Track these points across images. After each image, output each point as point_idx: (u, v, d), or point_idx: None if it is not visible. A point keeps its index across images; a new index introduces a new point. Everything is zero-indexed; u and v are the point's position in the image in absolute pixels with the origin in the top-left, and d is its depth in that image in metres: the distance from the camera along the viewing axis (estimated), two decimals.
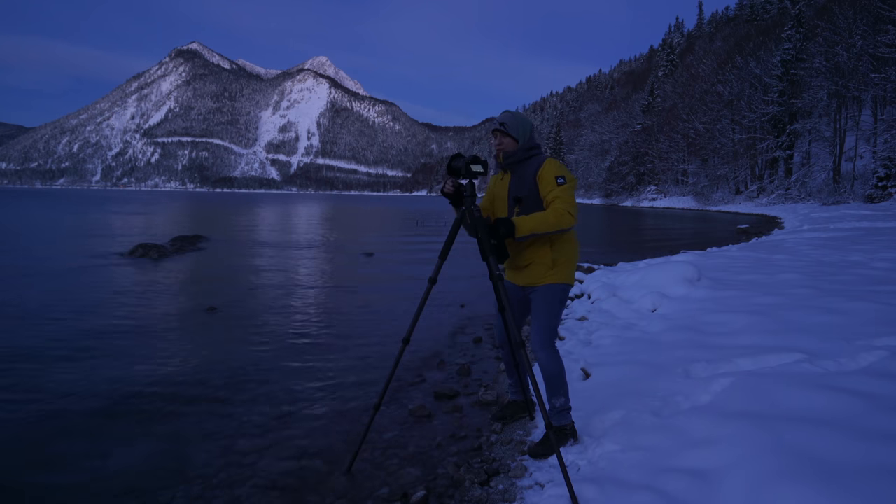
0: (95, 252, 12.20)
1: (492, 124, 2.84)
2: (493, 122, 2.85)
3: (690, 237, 19.84)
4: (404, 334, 2.76)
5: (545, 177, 2.63)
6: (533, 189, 2.68)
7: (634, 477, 2.33)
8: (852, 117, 39.37)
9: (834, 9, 41.78)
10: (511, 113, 2.84)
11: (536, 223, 2.54)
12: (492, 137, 2.85)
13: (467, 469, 2.70)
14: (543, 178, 2.64)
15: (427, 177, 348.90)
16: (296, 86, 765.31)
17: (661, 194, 70.04)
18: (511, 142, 2.77)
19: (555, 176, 2.61)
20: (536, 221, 2.54)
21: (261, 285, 8.58)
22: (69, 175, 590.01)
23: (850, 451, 2.20)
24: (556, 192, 2.58)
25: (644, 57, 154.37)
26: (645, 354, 3.97)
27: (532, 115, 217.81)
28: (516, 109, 28.51)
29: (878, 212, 23.67)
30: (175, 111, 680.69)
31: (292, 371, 4.36)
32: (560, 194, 2.58)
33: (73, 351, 4.81)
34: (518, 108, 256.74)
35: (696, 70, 75.39)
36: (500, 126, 2.78)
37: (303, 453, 2.97)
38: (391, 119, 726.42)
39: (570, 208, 2.55)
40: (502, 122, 2.78)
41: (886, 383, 2.88)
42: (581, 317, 5.63)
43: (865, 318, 4.22)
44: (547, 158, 2.71)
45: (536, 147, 2.79)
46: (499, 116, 2.86)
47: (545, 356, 2.70)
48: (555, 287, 2.73)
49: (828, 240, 12.61)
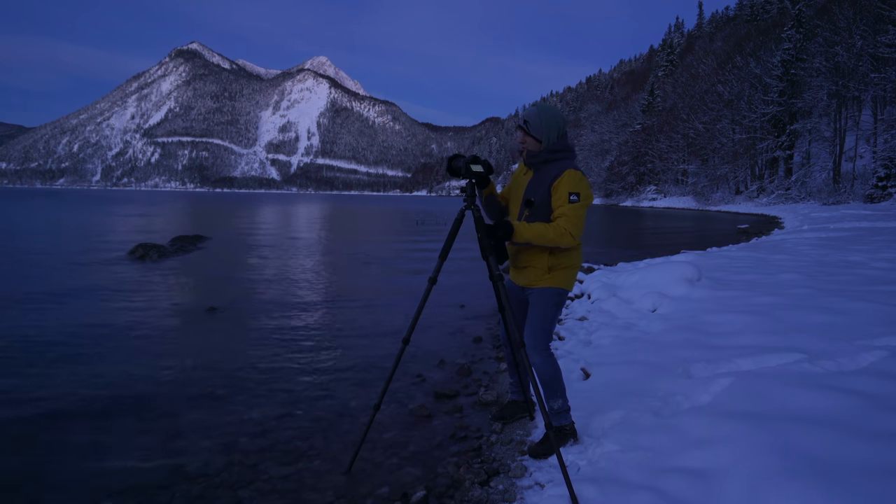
0: (95, 252, 12.19)
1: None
2: (518, 118, 2.67)
3: (690, 237, 19.84)
4: (404, 334, 2.75)
5: (560, 189, 2.51)
6: (546, 197, 2.56)
7: (634, 477, 2.33)
8: (852, 117, 39.37)
9: (834, 9, 41.81)
10: (538, 109, 2.64)
11: (534, 234, 2.49)
12: (516, 132, 2.71)
13: (467, 469, 2.70)
14: (558, 189, 2.52)
15: (427, 177, 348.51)
16: (296, 86, 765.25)
17: (661, 194, 70.04)
18: (534, 142, 2.62)
19: (569, 191, 2.49)
20: (535, 232, 2.49)
21: (261, 285, 8.58)
22: (69, 175, 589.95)
23: (850, 451, 2.20)
24: (565, 209, 2.49)
25: (644, 57, 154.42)
26: (645, 354, 3.97)
27: None
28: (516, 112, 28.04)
29: (878, 212, 23.66)
30: (175, 111, 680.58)
31: (292, 370, 4.36)
32: (567, 212, 2.48)
33: (72, 351, 4.81)
34: (518, 109, 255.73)
35: (696, 70, 75.43)
36: (522, 124, 2.63)
37: (303, 453, 2.97)
38: (391, 119, 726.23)
39: (573, 229, 2.48)
40: (526, 120, 2.62)
41: (886, 383, 2.88)
42: (581, 317, 5.63)
43: (865, 318, 4.23)
44: (568, 169, 2.53)
45: (564, 150, 2.61)
46: (524, 111, 2.67)
47: (539, 359, 2.66)
48: (549, 291, 2.67)
49: (828, 240, 12.61)
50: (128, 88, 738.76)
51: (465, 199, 2.60)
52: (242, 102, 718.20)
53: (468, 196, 2.60)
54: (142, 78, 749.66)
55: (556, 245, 2.51)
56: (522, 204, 2.66)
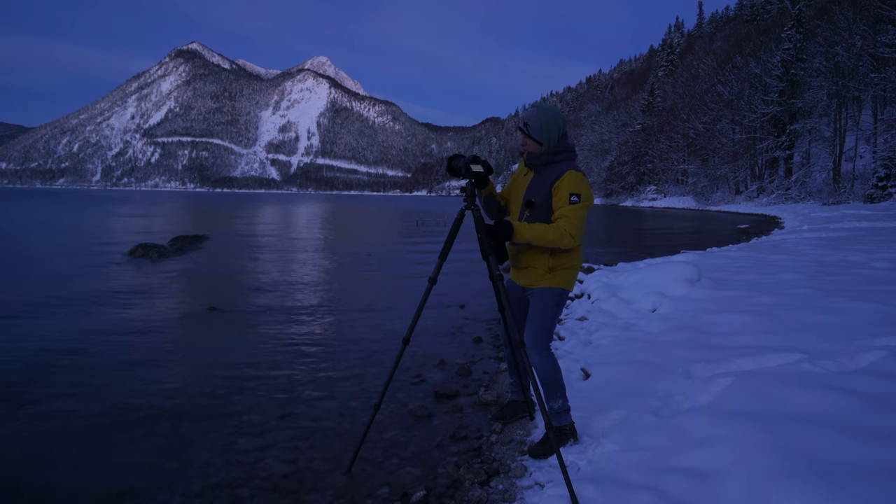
0: (95, 252, 12.19)
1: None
2: (518, 119, 2.64)
3: (690, 237, 19.84)
4: (404, 334, 2.75)
5: (560, 190, 2.52)
6: (547, 198, 2.57)
7: (634, 477, 2.33)
8: (852, 117, 39.38)
9: (834, 9, 41.82)
10: (537, 110, 2.61)
11: (534, 235, 2.49)
12: (516, 133, 2.70)
13: (467, 469, 2.70)
14: (559, 191, 2.52)
15: (427, 177, 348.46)
16: (296, 86, 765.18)
17: (661, 194, 70.04)
18: (534, 144, 2.61)
19: (569, 193, 2.49)
20: (535, 233, 2.49)
21: (261, 285, 8.58)
22: (69, 175, 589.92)
23: (850, 451, 2.20)
24: (565, 210, 2.50)
25: (644, 57, 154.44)
26: (645, 354, 3.97)
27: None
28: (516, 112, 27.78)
29: (878, 212, 23.67)
30: (175, 111, 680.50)
31: (292, 371, 4.36)
32: (567, 213, 2.49)
33: (71, 350, 4.81)
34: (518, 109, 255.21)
35: (696, 70, 75.44)
36: (522, 126, 2.61)
37: (303, 453, 2.97)
38: (391, 119, 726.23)
39: (574, 230, 2.49)
40: (526, 122, 2.59)
41: (886, 383, 2.88)
42: (581, 317, 5.63)
43: (865, 318, 4.23)
44: (569, 170, 2.54)
45: (565, 151, 2.62)
46: (524, 113, 2.63)
47: (539, 359, 2.67)
48: (549, 291, 2.67)
49: (828, 240, 12.62)
50: (128, 88, 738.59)
51: (465, 199, 2.61)
52: (242, 102, 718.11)
53: (468, 196, 2.60)
54: (142, 78, 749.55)
55: (556, 246, 2.52)
56: (523, 205, 2.67)
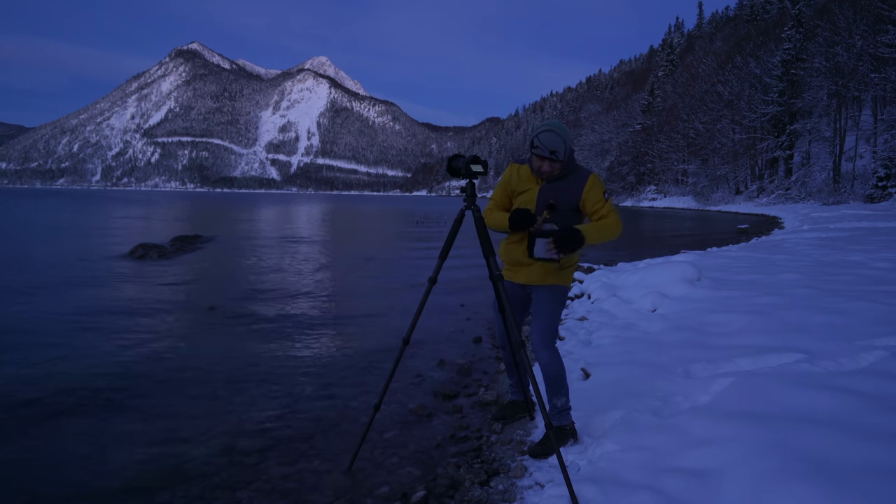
0: (95, 252, 12.20)
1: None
2: (539, 148, 2.56)
3: (690, 237, 19.83)
4: (404, 334, 2.76)
5: (593, 191, 2.68)
6: (573, 202, 2.68)
7: (634, 477, 2.33)
8: (852, 117, 39.38)
9: (834, 9, 41.79)
10: (557, 135, 2.55)
11: (601, 233, 2.60)
12: (533, 158, 2.67)
13: (467, 469, 2.70)
14: (591, 192, 2.68)
15: (427, 177, 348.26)
16: (296, 86, 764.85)
17: (661, 194, 70.01)
18: (560, 165, 2.66)
19: (602, 191, 2.69)
20: (601, 231, 2.60)
21: (261, 285, 8.58)
22: (69, 175, 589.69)
23: (850, 451, 2.20)
24: (607, 206, 2.69)
25: (644, 57, 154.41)
26: (645, 354, 3.97)
27: (532, 115, 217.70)
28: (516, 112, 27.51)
29: (878, 212, 23.68)
30: (175, 111, 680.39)
31: (292, 370, 4.36)
32: (613, 208, 2.71)
33: (71, 350, 4.81)
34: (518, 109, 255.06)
35: (696, 70, 75.37)
36: (549, 155, 2.57)
37: (303, 453, 2.97)
38: (391, 119, 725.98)
39: (620, 220, 2.70)
40: (553, 150, 2.56)
41: (886, 383, 2.88)
42: (581, 317, 5.63)
43: (865, 318, 4.23)
44: (590, 174, 2.71)
45: (573, 159, 2.76)
46: (544, 139, 2.55)
47: (546, 356, 2.70)
48: (557, 288, 2.76)
49: (828, 240, 12.62)
50: (128, 88, 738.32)
51: (465, 199, 2.63)
52: (242, 102, 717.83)
53: (468, 196, 2.63)
54: (142, 78, 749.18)
55: (615, 237, 2.66)
56: (540, 207, 2.70)
